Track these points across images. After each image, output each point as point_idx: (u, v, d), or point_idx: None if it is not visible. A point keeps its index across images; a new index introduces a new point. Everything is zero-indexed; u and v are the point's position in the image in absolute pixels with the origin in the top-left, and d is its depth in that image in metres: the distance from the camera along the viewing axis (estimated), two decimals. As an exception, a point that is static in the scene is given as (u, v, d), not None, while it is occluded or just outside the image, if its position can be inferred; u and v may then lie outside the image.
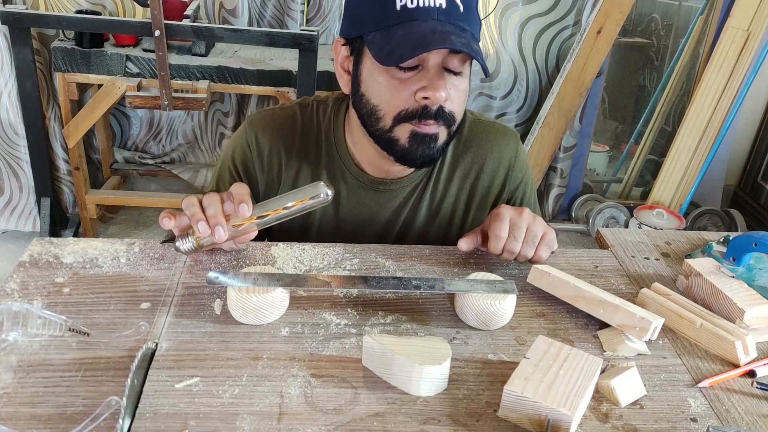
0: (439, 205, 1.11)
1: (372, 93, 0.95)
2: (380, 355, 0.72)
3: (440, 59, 0.90)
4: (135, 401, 0.67)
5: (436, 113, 0.91)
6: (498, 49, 2.73)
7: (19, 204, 2.56)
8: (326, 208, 1.09)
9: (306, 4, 2.56)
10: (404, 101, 0.92)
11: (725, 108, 2.57)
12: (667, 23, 3.38)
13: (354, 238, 1.10)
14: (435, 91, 0.89)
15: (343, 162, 1.07)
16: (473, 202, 1.12)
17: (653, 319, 0.79)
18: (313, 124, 1.08)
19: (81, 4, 2.41)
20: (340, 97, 1.10)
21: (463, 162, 1.11)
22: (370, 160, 1.05)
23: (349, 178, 1.08)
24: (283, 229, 1.10)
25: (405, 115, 0.92)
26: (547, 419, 0.66)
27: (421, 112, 0.91)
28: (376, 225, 1.11)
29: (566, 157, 2.89)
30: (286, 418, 0.67)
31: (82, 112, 2.31)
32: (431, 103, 0.91)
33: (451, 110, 0.93)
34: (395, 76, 0.91)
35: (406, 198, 1.10)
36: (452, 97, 0.93)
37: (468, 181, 1.11)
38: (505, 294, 0.82)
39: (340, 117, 1.08)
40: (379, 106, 0.94)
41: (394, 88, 0.92)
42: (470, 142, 1.11)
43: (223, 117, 2.77)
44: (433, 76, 0.90)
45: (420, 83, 0.90)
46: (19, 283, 0.85)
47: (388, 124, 0.94)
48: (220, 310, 0.82)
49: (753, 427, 0.71)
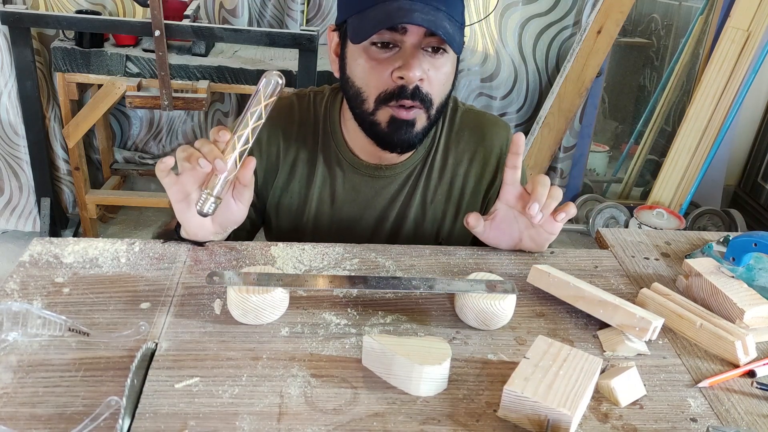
0: (434, 192, 1.13)
1: (355, 75, 0.98)
2: (380, 355, 0.72)
3: (416, 40, 0.93)
4: (135, 401, 0.67)
5: (412, 93, 0.94)
6: (498, 49, 2.73)
7: (19, 204, 2.56)
8: (323, 195, 1.11)
9: (306, 4, 2.56)
10: (383, 82, 0.95)
11: (725, 108, 2.57)
12: (667, 23, 3.38)
13: (351, 224, 1.12)
14: (408, 70, 0.92)
15: (339, 149, 1.10)
16: (467, 189, 1.14)
17: (653, 319, 0.79)
18: (310, 113, 1.11)
19: (81, 4, 2.41)
20: (337, 87, 1.12)
21: (456, 150, 1.13)
22: (364, 146, 1.07)
23: (345, 165, 1.10)
24: (281, 213, 1.13)
25: (384, 97, 0.95)
26: (547, 419, 0.66)
27: (398, 92, 0.94)
28: (373, 211, 1.13)
29: (566, 157, 2.88)
30: (286, 418, 0.67)
31: (82, 112, 2.30)
32: (406, 82, 0.93)
33: (428, 91, 0.96)
34: (373, 56, 0.95)
35: (401, 185, 1.12)
36: (431, 78, 0.95)
37: (461, 168, 1.13)
38: (505, 294, 0.82)
39: (336, 106, 1.10)
40: (362, 88, 0.97)
41: (373, 69, 0.95)
42: (462, 131, 1.13)
43: (223, 117, 2.77)
44: (408, 55, 0.93)
45: (396, 63, 0.93)
46: (19, 283, 0.85)
47: (371, 106, 0.97)
48: (220, 310, 0.82)
49: (753, 427, 0.71)
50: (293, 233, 1.14)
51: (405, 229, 1.14)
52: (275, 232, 1.16)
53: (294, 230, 1.14)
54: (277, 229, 1.15)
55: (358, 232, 1.13)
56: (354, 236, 1.13)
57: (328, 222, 1.12)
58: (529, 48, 2.75)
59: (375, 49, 0.94)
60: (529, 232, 0.97)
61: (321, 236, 1.12)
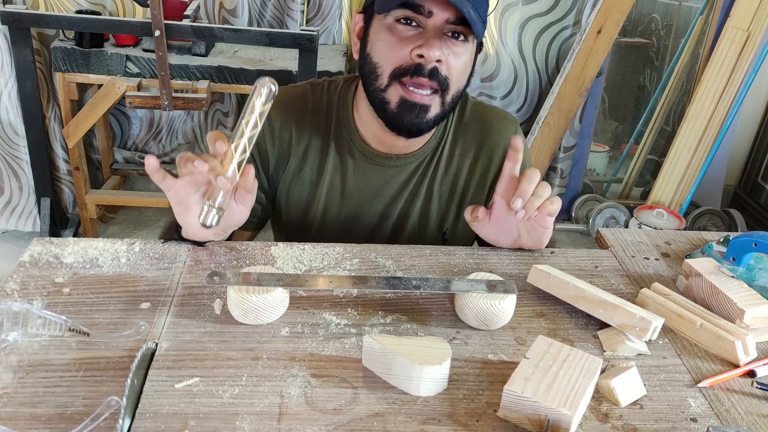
0: (440, 184, 1.14)
1: (374, 51, 1.00)
2: (380, 355, 0.72)
3: (440, 23, 0.95)
4: (135, 401, 0.67)
5: (430, 73, 0.95)
6: (498, 49, 2.73)
7: (19, 204, 2.56)
8: (334, 182, 1.13)
9: (306, 4, 2.56)
10: (401, 58, 0.96)
11: (725, 108, 2.57)
12: (667, 23, 3.38)
13: (360, 213, 1.14)
14: (429, 49, 0.94)
15: (351, 137, 1.11)
16: (472, 180, 1.16)
17: (653, 319, 0.79)
18: (323, 102, 1.13)
19: (81, 4, 2.41)
20: (350, 77, 1.14)
21: (464, 141, 1.15)
22: (375, 133, 1.09)
23: (356, 153, 1.11)
24: (291, 200, 1.14)
25: (400, 72, 0.97)
26: (547, 419, 0.66)
27: (415, 69, 0.95)
28: (381, 200, 1.14)
29: (566, 157, 2.88)
30: (286, 418, 0.67)
31: (82, 112, 2.30)
32: (425, 61, 0.95)
33: (446, 75, 0.97)
34: (397, 34, 0.97)
35: (410, 174, 1.13)
36: (449, 63, 0.97)
37: (468, 160, 1.15)
38: (505, 294, 0.82)
39: (349, 95, 1.12)
40: (379, 63, 0.99)
41: (395, 45, 0.97)
42: (471, 123, 1.15)
43: (223, 117, 2.77)
44: (431, 36, 0.95)
45: (418, 42, 0.95)
46: (19, 283, 0.85)
47: (384, 82, 0.99)
48: (220, 310, 0.82)
49: (753, 427, 0.71)
50: (302, 220, 1.14)
51: (411, 219, 1.15)
52: (284, 216, 1.16)
53: (303, 217, 1.14)
54: (287, 216, 1.16)
55: (366, 220, 1.14)
56: (361, 223, 1.14)
57: (337, 210, 1.14)
58: (529, 48, 2.75)
59: (399, 27, 0.96)
60: (525, 227, 0.98)
61: (330, 224, 1.14)
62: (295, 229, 1.15)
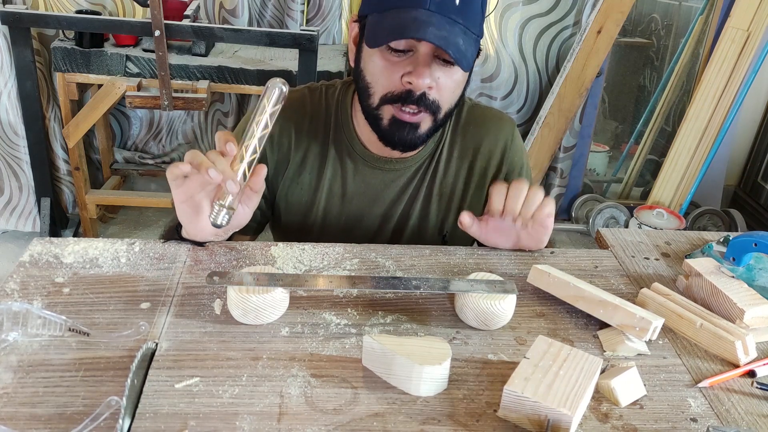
0: (439, 186, 1.14)
1: (367, 70, 0.99)
2: (380, 355, 0.72)
3: (430, 49, 0.93)
4: (135, 401, 0.67)
5: (418, 99, 0.95)
6: (498, 49, 2.73)
7: (19, 204, 2.56)
8: (333, 187, 1.12)
9: (306, 4, 2.56)
10: (392, 84, 0.96)
11: (725, 108, 2.57)
12: (667, 23, 3.38)
13: (360, 216, 1.14)
14: (418, 77, 0.93)
15: (350, 141, 1.11)
16: (471, 183, 1.16)
17: (653, 319, 0.79)
18: (321, 106, 1.12)
19: (81, 4, 2.41)
20: (348, 81, 1.14)
21: (461, 144, 1.15)
22: (374, 139, 1.08)
23: (356, 157, 1.11)
24: (291, 205, 1.14)
25: (390, 98, 0.97)
26: (547, 419, 0.66)
27: (405, 96, 0.95)
28: (381, 203, 1.14)
29: (566, 157, 2.88)
30: (286, 418, 0.67)
31: (82, 112, 2.30)
32: (414, 88, 0.94)
33: (436, 98, 0.97)
34: (387, 58, 0.95)
35: (410, 178, 1.13)
36: (440, 86, 0.96)
37: (465, 162, 1.15)
38: (505, 294, 0.82)
39: (347, 99, 1.12)
40: (371, 83, 0.99)
41: (385, 70, 0.96)
42: (468, 125, 1.15)
43: (223, 117, 2.77)
44: (420, 62, 0.94)
45: (407, 68, 0.94)
46: (19, 283, 0.85)
47: (376, 102, 0.99)
48: (220, 310, 0.82)
49: (753, 427, 0.71)
50: (302, 225, 1.14)
51: (411, 221, 1.15)
52: (284, 222, 1.16)
53: (303, 222, 1.14)
54: (286, 220, 1.15)
55: (366, 224, 1.14)
56: (362, 227, 1.14)
57: (337, 214, 1.14)
58: (529, 48, 2.75)
59: (389, 51, 0.95)
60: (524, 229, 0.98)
61: (330, 229, 1.13)
62: (294, 232, 1.15)
